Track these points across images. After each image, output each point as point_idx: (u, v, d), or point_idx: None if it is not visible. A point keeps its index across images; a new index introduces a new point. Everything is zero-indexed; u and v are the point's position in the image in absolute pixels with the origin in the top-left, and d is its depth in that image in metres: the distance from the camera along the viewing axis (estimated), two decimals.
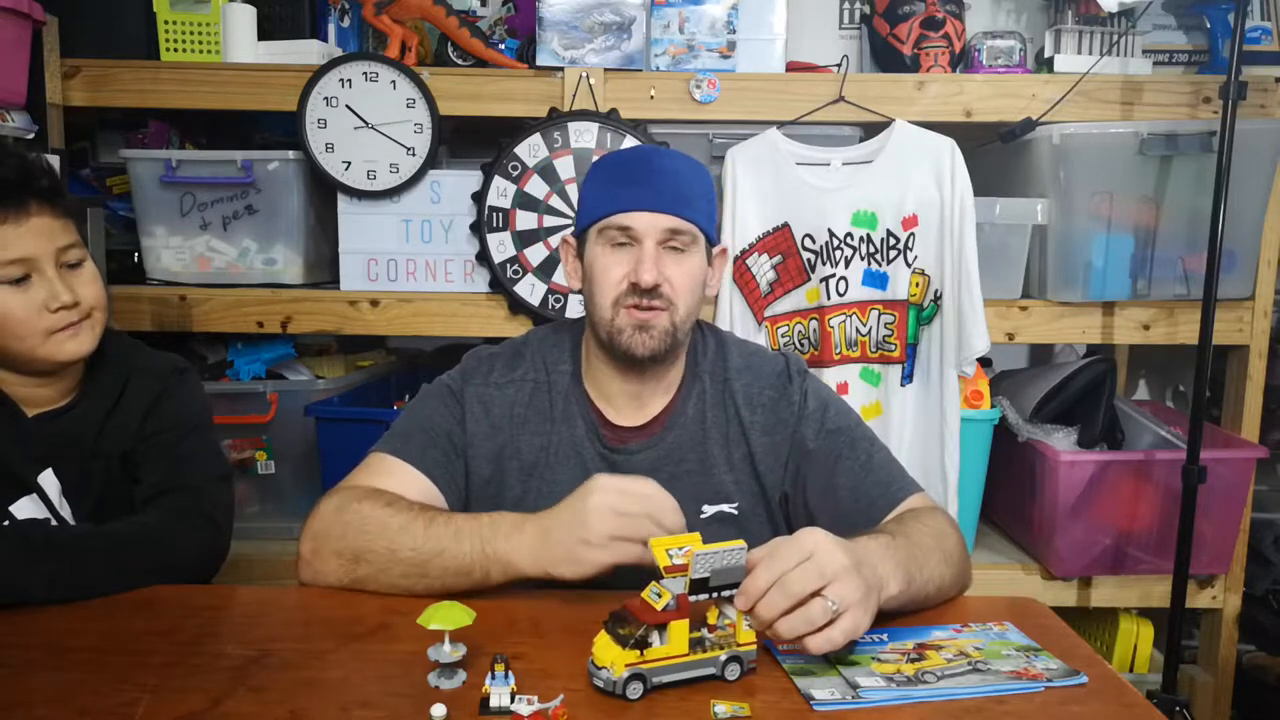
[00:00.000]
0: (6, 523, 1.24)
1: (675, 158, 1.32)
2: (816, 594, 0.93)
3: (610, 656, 0.90)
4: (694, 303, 1.28)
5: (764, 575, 0.93)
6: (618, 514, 1.05)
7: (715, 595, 0.93)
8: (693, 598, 0.92)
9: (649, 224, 1.24)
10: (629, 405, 1.32)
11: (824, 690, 0.92)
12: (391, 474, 1.23)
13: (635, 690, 0.90)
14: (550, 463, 1.30)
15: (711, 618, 0.96)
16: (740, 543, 0.93)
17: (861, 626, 0.95)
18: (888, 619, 1.05)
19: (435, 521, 1.12)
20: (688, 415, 1.32)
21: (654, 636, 0.91)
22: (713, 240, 1.32)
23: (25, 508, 1.26)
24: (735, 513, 1.30)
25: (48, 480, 1.28)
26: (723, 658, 0.94)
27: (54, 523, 1.27)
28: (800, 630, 0.93)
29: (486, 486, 1.29)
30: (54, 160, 1.78)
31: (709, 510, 1.30)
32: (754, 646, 0.95)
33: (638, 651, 0.90)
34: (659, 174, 1.26)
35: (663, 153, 1.32)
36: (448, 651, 0.93)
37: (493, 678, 0.88)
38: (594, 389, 1.33)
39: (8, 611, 1.08)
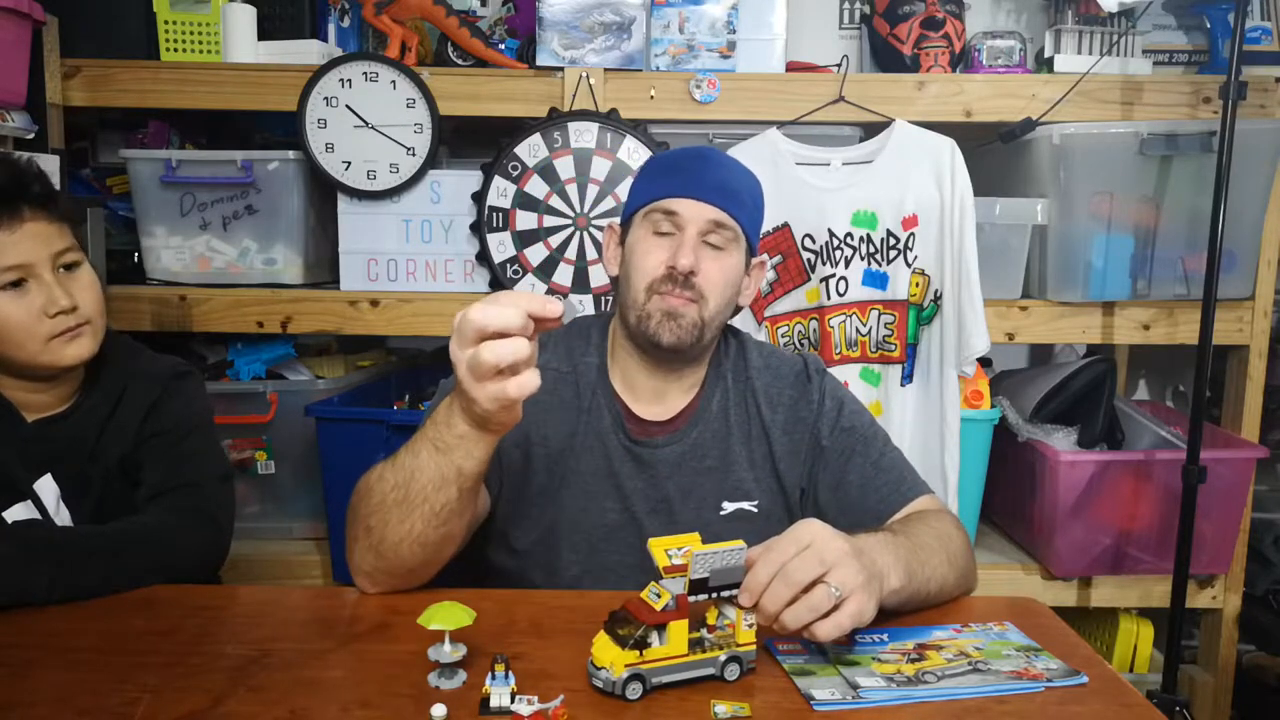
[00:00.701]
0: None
1: (730, 160, 1.35)
2: (818, 582, 0.93)
3: (609, 657, 0.90)
4: (725, 302, 1.29)
5: (764, 569, 0.93)
6: (471, 364, 0.94)
7: (715, 595, 0.93)
8: (692, 598, 0.92)
9: (694, 212, 1.25)
10: (653, 399, 1.32)
11: (824, 690, 0.92)
12: None
13: (634, 691, 0.90)
14: (576, 451, 1.29)
15: (711, 618, 0.96)
16: (739, 543, 0.93)
17: (867, 612, 0.95)
18: (888, 618, 1.05)
19: (397, 456, 1.10)
20: (712, 412, 1.32)
21: (653, 637, 0.90)
22: (754, 248, 1.33)
23: (18, 514, 1.26)
24: (755, 510, 1.31)
25: (45, 486, 1.28)
26: (722, 658, 0.94)
27: None
28: (805, 619, 0.93)
29: (513, 474, 1.28)
30: (54, 160, 1.78)
31: (729, 507, 1.30)
32: (753, 647, 0.95)
33: (637, 652, 0.90)
34: (710, 167, 1.29)
35: (718, 152, 1.35)
36: (448, 651, 0.93)
37: (493, 678, 0.88)
38: (619, 381, 1.33)
39: (8, 611, 1.08)
